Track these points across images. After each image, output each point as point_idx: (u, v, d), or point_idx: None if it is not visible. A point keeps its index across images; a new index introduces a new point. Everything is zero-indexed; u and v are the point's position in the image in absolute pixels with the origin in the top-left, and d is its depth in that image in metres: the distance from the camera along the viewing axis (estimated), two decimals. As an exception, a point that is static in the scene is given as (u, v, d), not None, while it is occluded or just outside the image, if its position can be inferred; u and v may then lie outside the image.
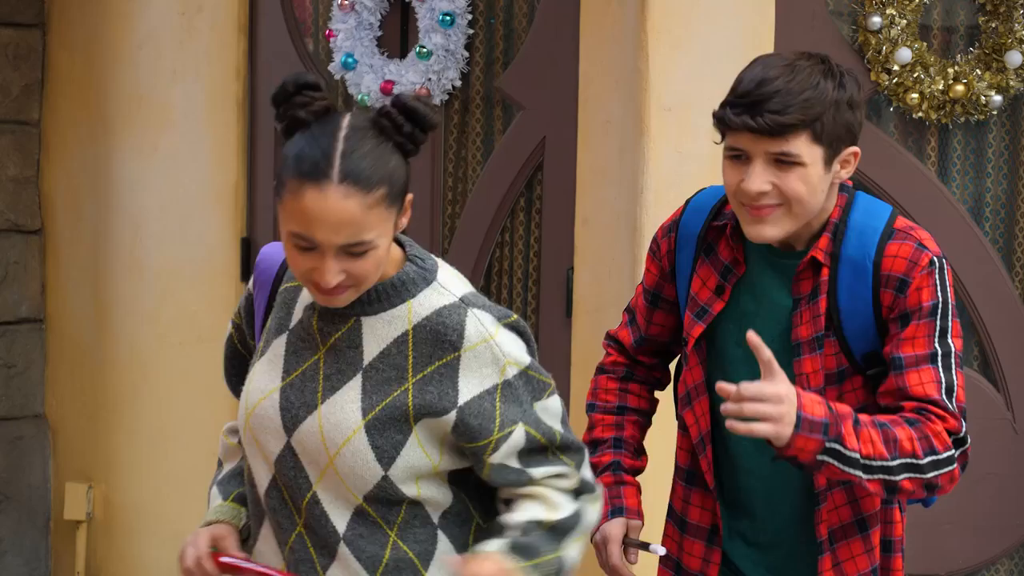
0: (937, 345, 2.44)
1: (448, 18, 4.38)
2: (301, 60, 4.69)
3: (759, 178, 2.41)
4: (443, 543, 2.29)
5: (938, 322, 2.45)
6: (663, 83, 3.90)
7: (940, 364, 2.44)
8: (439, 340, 2.22)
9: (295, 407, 2.25)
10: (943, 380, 2.43)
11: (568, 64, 4.25)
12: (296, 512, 2.27)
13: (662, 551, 2.64)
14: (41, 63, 5.07)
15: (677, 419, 2.72)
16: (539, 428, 2.26)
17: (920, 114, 4.08)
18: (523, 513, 2.25)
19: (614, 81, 4.09)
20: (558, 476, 2.28)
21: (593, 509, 2.32)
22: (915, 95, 4.06)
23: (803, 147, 2.40)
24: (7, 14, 4.98)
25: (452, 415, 2.21)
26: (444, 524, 2.29)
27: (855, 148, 2.48)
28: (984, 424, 4.11)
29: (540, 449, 2.26)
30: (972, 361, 4.18)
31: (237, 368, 2.52)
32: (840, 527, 2.55)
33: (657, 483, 2.94)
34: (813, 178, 2.42)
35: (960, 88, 4.04)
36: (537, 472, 2.26)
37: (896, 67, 4.05)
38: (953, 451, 2.42)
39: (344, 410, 2.22)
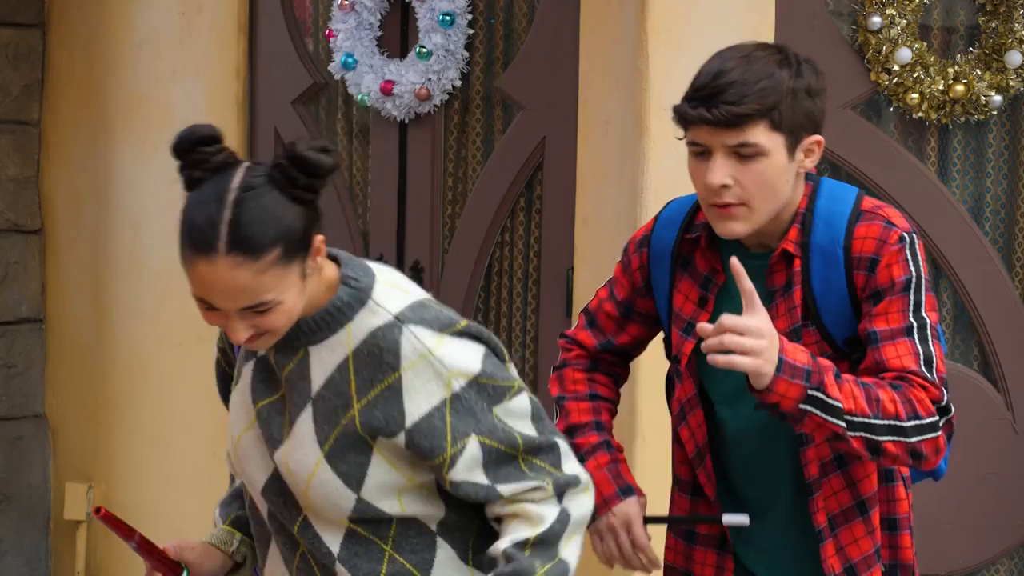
0: (912, 319, 2.43)
1: (448, 18, 4.38)
2: (301, 60, 4.69)
3: (720, 171, 2.40)
4: (443, 549, 2.27)
5: (911, 296, 2.43)
6: (663, 83, 3.90)
7: (916, 336, 2.42)
8: (377, 363, 2.18)
9: (270, 439, 2.26)
10: (920, 352, 2.42)
11: (568, 64, 4.25)
12: (296, 535, 2.28)
13: (745, 519, 2.57)
14: (41, 63, 5.07)
15: (673, 434, 2.71)
16: (495, 436, 2.21)
17: (920, 114, 4.08)
18: (509, 536, 2.21)
19: (614, 81, 4.09)
20: (531, 491, 2.24)
21: (582, 501, 2.27)
22: (915, 95, 4.06)
23: (762, 136, 2.39)
24: (7, 14, 4.98)
25: (401, 436, 2.18)
26: (443, 531, 2.28)
27: (818, 136, 2.46)
28: (984, 424, 4.11)
29: (506, 458, 2.22)
30: (972, 361, 4.18)
31: (225, 387, 2.50)
32: (840, 512, 2.54)
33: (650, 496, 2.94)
34: (776, 167, 2.41)
35: (960, 88, 4.04)
36: (506, 489, 2.22)
37: (896, 67, 4.05)
38: (937, 418, 2.39)
39: (304, 446, 2.21)
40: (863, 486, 2.55)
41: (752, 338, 2.27)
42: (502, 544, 2.21)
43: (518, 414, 2.24)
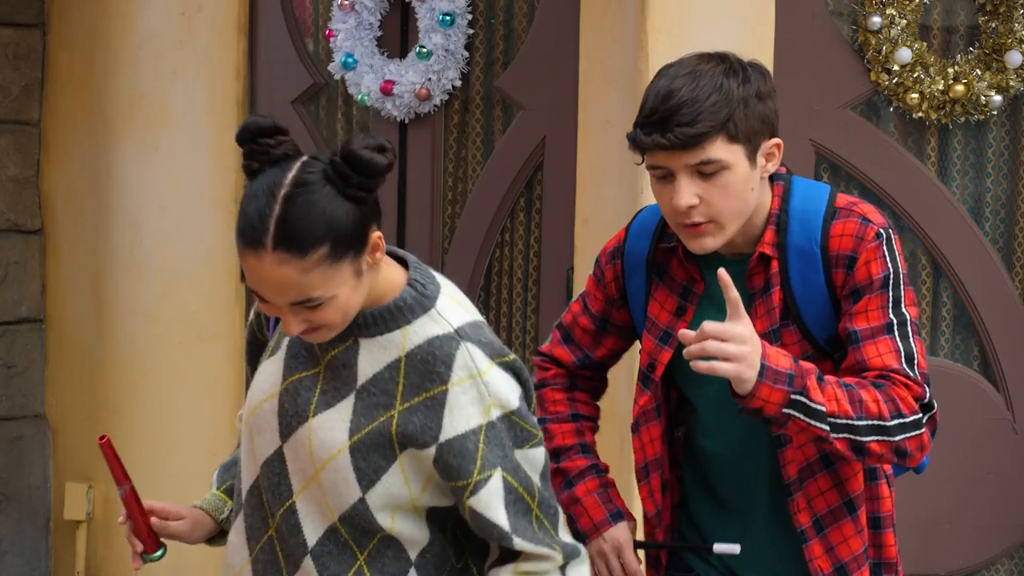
0: (892, 315, 2.42)
1: (448, 18, 4.38)
2: (301, 60, 4.69)
3: (685, 192, 2.38)
4: None
5: (890, 292, 2.43)
6: (663, 83, 3.90)
7: (897, 333, 2.41)
8: (428, 371, 2.19)
9: (289, 415, 2.25)
10: (901, 349, 2.41)
11: (568, 64, 4.25)
12: (271, 517, 2.27)
13: (736, 548, 2.58)
14: (41, 63, 5.07)
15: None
16: (517, 477, 2.20)
17: (920, 114, 4.08)
18: None
19: (614, 81, 4.09)
20: (539, 557, 2.23)
21: (583, 572, 2.27)
22: (915, 95, 4.06)
23: (721, 151, 2.37)
24: (7, 14, 4.98)
25: (432, 450, 2.18)
26: (421, 563, 2.27)
27: (777, 140, 2.45)
28: (984, 424, 4.11)
29: (524, 506, 2.21)
30: (972, 361, 4.18)
31: (254, 354, 2.47)
32: (828, 512, 2.54)
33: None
34: (739, 178, 2.40)
35: (960, 88, 4.04)
36: (519, 543, 2.20)
37: (896, 67, 4.05)
38: (920, 415, 2.39)
39: (333, 428, 2.21)
40: (850, 485, 2.54)
41: (735, 344, 2.27)
42: None
43: (534, 465, 2.24)
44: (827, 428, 2.32)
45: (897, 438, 2.37)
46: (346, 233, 2.11)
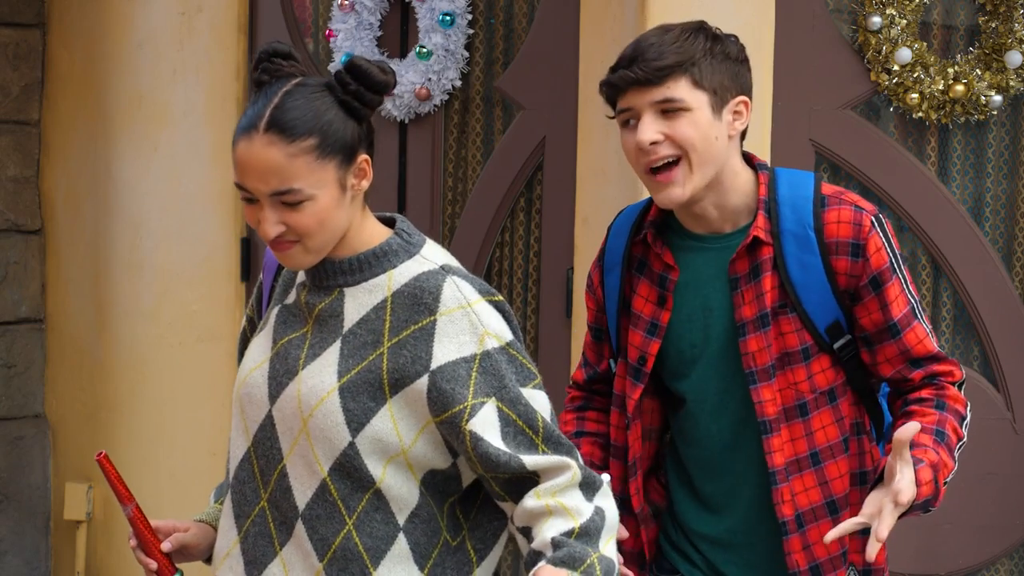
0: (911, 298, 2.53)
1: (448, 18, 4.38)
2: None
3: (649, 128, 2.46)
4: (400, 545, 2.25)
5: (900, 275, 2.52)
6: (663, 83, 3.90)
7: (919, 315, 2.53)
8: (415, 304, 2.22)
9: (279, 375, 2.27)
10: (928, 329, 2.54)
11: (568, 64, 4.25)
12: (263, 486, 2.28)
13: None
14: (41, 63, 5.07)
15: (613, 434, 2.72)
16: (516, 409, 2.19)
17: (920, 114, 4.08)
18: (548, 530, 2.17)
19: (614, 81, 4.09)
20: (555, 469, 2.20)
21: (611, 505, 2.24)
22: (915, 95, 4.06)
23: (685, 91, 2.45)
24: (7, 14, 4.98)
25: (424, 379, 2.19)
26: (409, 528, 2.26)
27: (744, 97, 2.51)
28: (984, 424, 4.10)
29: (524, 435, 2.20)
30: (972, 361, 4.18)
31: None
32: (810, 509, 2.56)
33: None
34: (702, 123, 2.46)
35: (960, 88, 4.04)
36: (529, 460, 2.18)
37: (896, 67, 4.05)
38: (968, 402, 2.55)
39: (321, 374, 2.23)
40: (834, 486, 2.57)
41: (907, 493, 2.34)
42: (548, 534, 2.16)
43: (539, 403, 2.23)
44: (946, 486, 2.46)
45: (966, 437, 2.53)
46: (336, 136, 2.20)
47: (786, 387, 2.53)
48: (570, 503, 2.19)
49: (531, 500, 2.19)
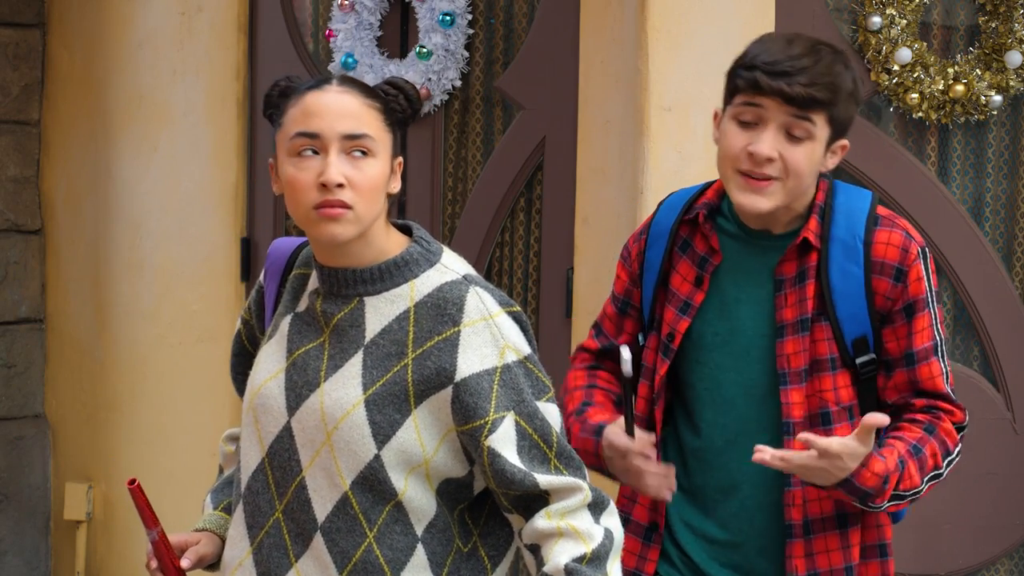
0: (936, 334, 2.54)
1: (448, 18, 4.38)
2: (301, 60, 4.69)
3: (770, 143, 2.45)
4: (419, 555, 2.26)
5: (931, 310, 2.54)
6: (663, 83, 3.90)
7: (940, 354, 2.55)
8: (439, 314, 2.22)
9: (298, 386, 2.26)
10: (944, 370, 2.55)
11: (568, 64, 4.25)
12: (278, 497, 2.27)
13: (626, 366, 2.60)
14: (41, 63, 5.07)
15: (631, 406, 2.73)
16: (533, 423, 2.22)
17: (920, 114, 4.08)
18: (561, 555, 2.20)
19: (614, 81, 4.09)
20: (567, 490, 2.23)
21: (617, 524, 2.28)
22: (915, 95, 4.06)
23: (819, 124, 2.46)
24: (7, 14, 4.98)
25: (449, 390, 2.20)
26: (427, 539, 2.27)
27: (845, 141, 2.55)
28: (984, 424, 4.11)
29: (539, 452, 2.22)
30: (972, 361, 4.18)
31: (243, 366, 2.50)
32: (820, 518, 2.56)
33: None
34: (815, 156, 2.49)
35: (960, 88, 4.04)
36: (542, 479, 2.21)
37: (896, 67, 4.05)
38: (960, 444, 2.55)
39: (346, 386, 2.22)
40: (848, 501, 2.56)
41: (845, 462, 2.39)
42: (560, 559, 2.19)
43: (552, 417, 2.25)
44: (903, 501, 2.49)
45: (945, 473, 2.53)
46: (392, 115, 2.26)
47: (813, 394, 2.54)
48: (581, 526, 2.22)
49: (542, 521, 2.22)
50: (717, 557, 2.63)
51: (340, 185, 2.18)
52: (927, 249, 2.55)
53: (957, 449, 2.54)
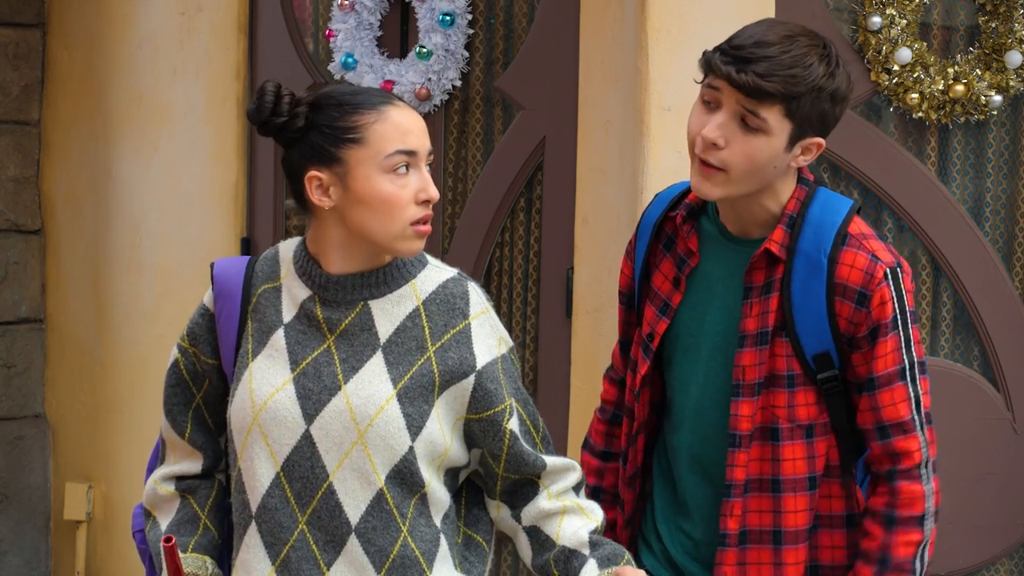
0: (904, 358, 2.46)
1: (448, 18, 4.38)
2: (301, 60, 4.69)
3: (718, 128, 2.42)
4: (443, 546, 2.32)
5: (901, 333, 2.46)
6: (663, 83, 3.90)
7: (908, 378, 2.47)
8: (450, 309, 2.30)
9: (315, 393, 2.27)
10: (911, 395, 2.47)
11: (568, 64, 4.25)
12: (299, 509, 2.26)
13: None
14: (41, 63, 5.07)
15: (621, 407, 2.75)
16: (527, 409, 2.35)
17: (920, 114, 4.08)
18: (578, 528, 2.34)
19: (614, 81, 4.09)
20: (563, 470, 2.37)
21: (598, 504, 2.44)
22: (915, 95, 4.06)
23: (773, 118, 2.40)
24: (7, 14, 4.98)
25: (472, 379, 2.28)
26: (444, 528, 2.33)
27: (821, 140, 2.47)
28: (984, 424, 4.11)
29: (530, 436, 2.35)
30: (972, 361, 4.18)
31: (181, 398, 2.43)
32: (758, 531, 2.53)
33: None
34: (771, 150, 2.42)
35: (960, 88, 4.04)
36: (549, 460, 2.34)
37: (896, 67, 4.05)
38: (927, 507, 2.47)
39: (373, 384, 2.26)
40: (786, 519, 2.53)
41: None
42: (581, 532, 2.32)
43: (533, 402, 2.41)
44: None
45: (928, 533, 2.47)
46: None
47: (765, 407, 2.50)
48: (583, 503, 2.37)
49: (545, 501, 2.34)
50: (690, 552, 2.63)
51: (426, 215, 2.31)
52: (898, 270, 2.46)
53: (928, 499, 2.46)
